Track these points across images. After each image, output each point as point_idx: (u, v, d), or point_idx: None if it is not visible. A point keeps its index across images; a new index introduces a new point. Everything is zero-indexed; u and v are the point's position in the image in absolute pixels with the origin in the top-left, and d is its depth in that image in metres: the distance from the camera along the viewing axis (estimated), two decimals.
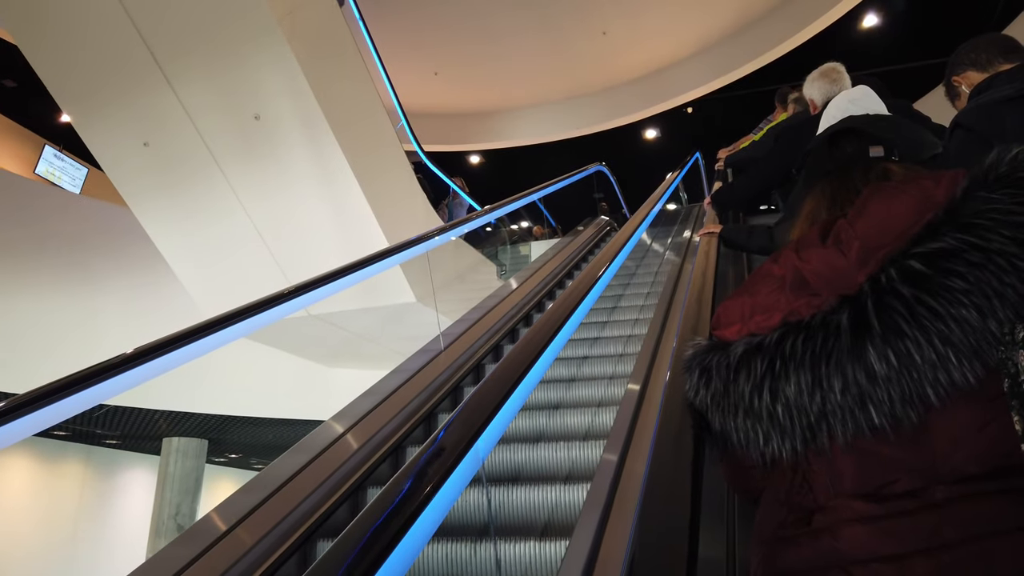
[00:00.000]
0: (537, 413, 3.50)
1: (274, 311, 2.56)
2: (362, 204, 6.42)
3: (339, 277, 3.05)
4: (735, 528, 1.55)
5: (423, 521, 1.19)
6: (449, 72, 14.70)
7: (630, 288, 6.10)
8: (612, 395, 3.63)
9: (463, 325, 4.66)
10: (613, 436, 2.44)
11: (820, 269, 1.02)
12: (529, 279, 6.05)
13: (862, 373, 0.92)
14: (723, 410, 1.04)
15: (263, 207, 6.53)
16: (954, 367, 0.88)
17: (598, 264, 3.40)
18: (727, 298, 1.16)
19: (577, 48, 14.09)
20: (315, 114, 5.92)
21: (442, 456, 1.37)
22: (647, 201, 6.32)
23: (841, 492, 0.94)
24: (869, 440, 0.93)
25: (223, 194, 6.44)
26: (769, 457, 1.00)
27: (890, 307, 0.92)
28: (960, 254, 0.90)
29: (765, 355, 1.00)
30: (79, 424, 11.63)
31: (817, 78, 3.23)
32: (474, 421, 1.51)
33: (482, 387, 1.78)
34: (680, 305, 2.97)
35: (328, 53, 6.27)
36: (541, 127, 16.49)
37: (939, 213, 0.95)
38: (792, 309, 1.01)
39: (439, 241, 4.58)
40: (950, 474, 0.88)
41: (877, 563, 0.87)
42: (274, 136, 6.14)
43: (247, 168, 6.33)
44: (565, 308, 2.52)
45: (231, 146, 6.22)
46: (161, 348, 2.07)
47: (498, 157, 17.71)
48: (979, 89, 1.92)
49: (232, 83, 5.86)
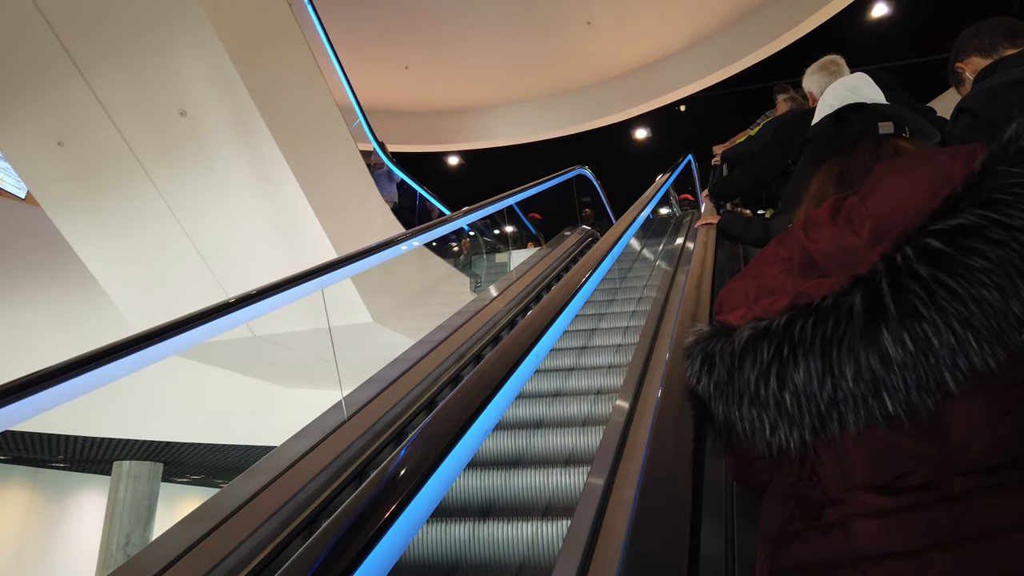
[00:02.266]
0: (512, 434, 3.35)
1: (178, 339, 2.36)
2: (307, 211, 6.05)
3: (263, 297, 2.84)
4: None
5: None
6: (420, 66, 14.19)
7: (613, 306, 5.68)
8: (599, 413, 3.52)
9: (422, 348, 4.15)
10: (598, 463, 2.35)
11: (830, 249, 1.01)
12: (497, 298, 5.53)
13: (876, 358, 0.90)
14: (727, 399, 1.03)
15: (196, 216, 6.14)
16: (974, 351, 0.86)
17: (554, 298, 2.99)
18: (730, 282, 1.15)
19: (560, 39, 13.60)
20: (249, 111, 5.49)
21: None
22: (632, 207, 5.86)
23: (852, 485, 0.93)
24: (883, 430, 0.92)
25: (150, 200, 6.03)
26: (776, 448, 0.99)
27: (906, 288, 0.90)
28: (981, 231, 0.88)
29: (772, 340, 0.98)
30: (19, 446, 11.42)
31: (816, 71, 3.28)
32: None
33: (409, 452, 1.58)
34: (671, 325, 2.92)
35: (265, 41, 5.87)
36: (523, 126, 16.13)
37: (957, 189, 0.93)
38: (801, 291, 1.00)
39: (391, 253, 4.26)
40: (969, 465, 0.87)
41: (892, 559, 0.85)
42: (204, 135, 5.73)
43: (176, 171, 5.93)
44: (505, 364, 2.20)
45: (156, 146, 5.80)
46: (56, 375, 1.88)
47: (479, 158, 17.43)
48: (984, 74, 1.94)
49: (151, 74, 5.41)
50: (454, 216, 5.84)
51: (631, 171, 14.20)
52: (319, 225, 6.04)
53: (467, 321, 4.68)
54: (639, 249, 7.66)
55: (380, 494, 1.42)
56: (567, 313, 2.81)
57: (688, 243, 5.13)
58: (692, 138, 12.17)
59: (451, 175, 18.07)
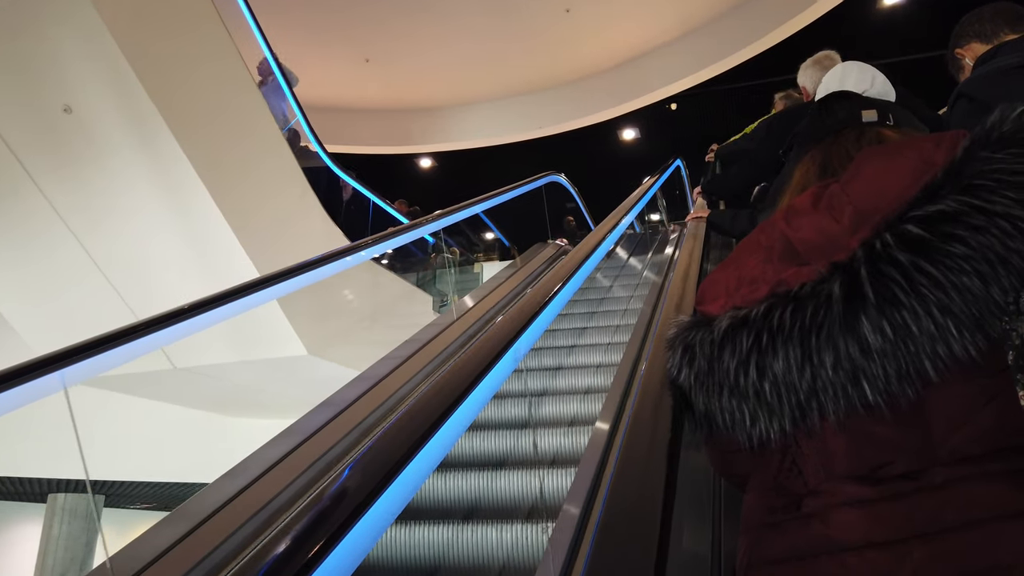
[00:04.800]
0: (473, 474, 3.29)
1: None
2: (219, 223, 5.36)
3: (143, 334, 2.70)
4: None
5: None
6: (383, 58, 13.45)
7: (584, 337, 5.32)
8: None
9: (360, 386, 3.61)
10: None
11: (810, 236, 1.06)
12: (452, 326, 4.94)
13: (855, 346, 0.93)
14: (707, 389, 1.06)
15: (93, 228, 5.52)
16: (954, 339, 0.89)
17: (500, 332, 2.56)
18: (712, 271, 1.20)
19: (537, 29, 12.92)
20: (144, 105, 4.82)
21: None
22: (600, 226, 5.23)
23: (832, 475, 0.96)
24: (863, 419, 0.95)
25: (38, 209, 5.36)
26: (756, 440, 1.01)
27: (885, 275, 0.93)
28: (961, 217, 0.91)
29: (751, 329, 1.01)
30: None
31: (811, 66, 3.45)
32: None
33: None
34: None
35: (162, 20, 5.16)
36: (500, 126, 15.55)
37: (938, 174, 0.96)
38: (780, 279, 1.04)
39: (330, 270, 3.99)
40: (950, 455, 0.90)
41: (871, 550, 0.88)
42: (94, 135, 5.06)
43: (65, 177, 5.26)
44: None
45: (39, 148, 5.13)
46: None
47: (453, 161, 16.98)
48: (983, 59, 2.01)
49: (21, 61, 4.68)
50: (409, 227, 5.38)
51: (620, 175, 13.95)
52: (234, 238, 5.39)
53: (416, 352, 4.15)
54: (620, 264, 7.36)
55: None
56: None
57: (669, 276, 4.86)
58: (685, 139, 12.36)
59: (424, 179, 17.73)
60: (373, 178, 14.26)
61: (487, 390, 2.29)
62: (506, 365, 2.42)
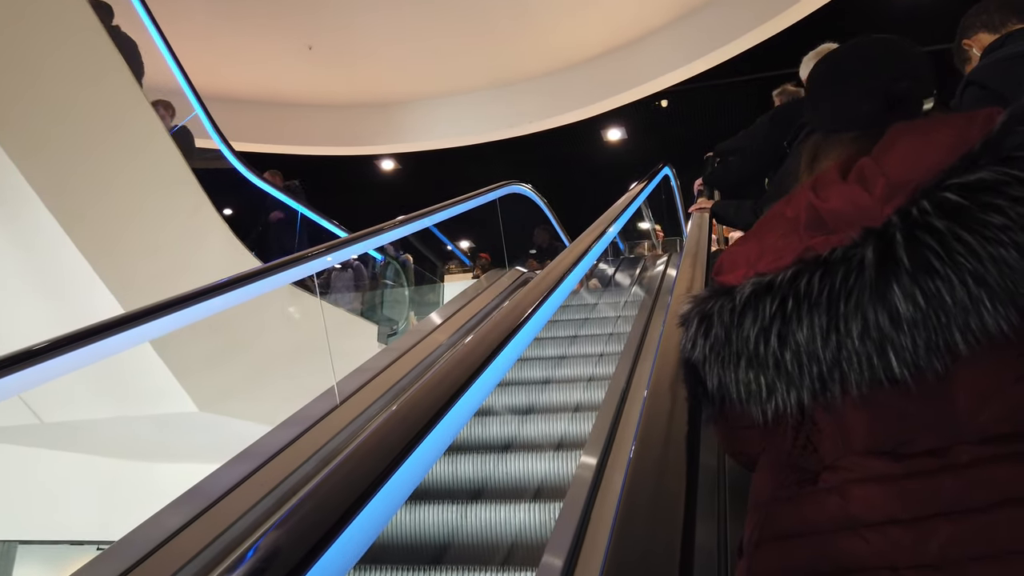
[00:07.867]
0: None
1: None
2: (73, 255, 4.55)
3: None
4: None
5: None
6: (327, 45, 12.39)
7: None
8: None
9: (246, 463, 3.00)
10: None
11: (839, 207, 1.06)
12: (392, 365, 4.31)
13: (884, 315, 0.94)
14: (723, 360, 1.06)
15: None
16: (987, 311, 0.90)
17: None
18: (731, 245, 1.21)
19: (503, 10, 11.91)
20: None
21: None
22: (577, 240, 4.38)
23: (851, 450, 0.96)
24: (886, 393, 0.95)
25: None
26: (771, 413, 1.02)
27: (921, 241, 0.94)
28: (1001, 187, 0.92)
29: (776, 294, 1.02)
30: None
31: (812, 58, 3.73)
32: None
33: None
34: None
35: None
36: (467, 123, 14.62)
37: (976, 147, 0.98)
38: (808, 246, 1.05)
39: (223, 303, 3.37)
40: (976, 433, 0.91)
41: (894, 526, 0.89)
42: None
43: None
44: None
45: None
46: None
47: (418, 163, 16.15)
48: (992, 48, 2.14)
49: None
50: (339, 243, 4.65)
51: (604, 180, 13.83)
52: (96, 274, 4.56)
53: (333, 409, 3.61)
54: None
55: None
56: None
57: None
58: (677, 140, 12.13)
59: (386, 183, 16.99)
60: (328, 183, 13.43)
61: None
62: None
